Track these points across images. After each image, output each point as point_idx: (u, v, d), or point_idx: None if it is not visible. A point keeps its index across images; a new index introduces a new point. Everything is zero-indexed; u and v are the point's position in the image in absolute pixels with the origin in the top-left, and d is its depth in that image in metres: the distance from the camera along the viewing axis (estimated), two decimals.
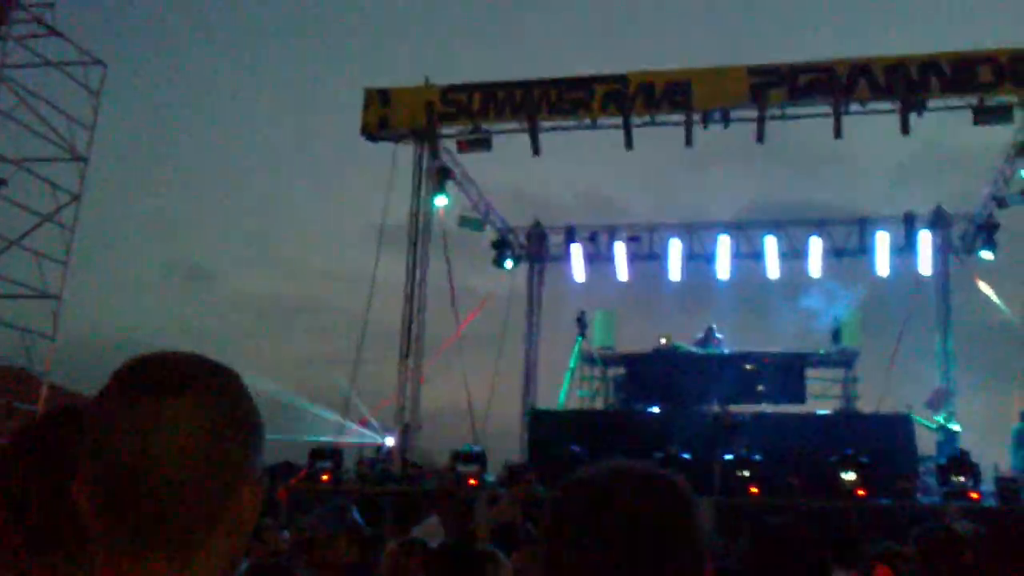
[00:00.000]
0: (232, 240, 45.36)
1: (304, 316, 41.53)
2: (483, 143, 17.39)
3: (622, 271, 20.68)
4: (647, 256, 21.23)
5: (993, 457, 15.35)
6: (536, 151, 16.88)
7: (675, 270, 20.29)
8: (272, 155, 44.15)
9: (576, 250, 20.98)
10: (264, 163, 44.11)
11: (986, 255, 18.21)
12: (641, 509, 1.35)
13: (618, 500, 1.36)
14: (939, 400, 16.40)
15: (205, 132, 44.75)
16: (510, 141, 17.44)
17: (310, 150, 41.92)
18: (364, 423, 17.18)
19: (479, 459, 15.42)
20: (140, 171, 41.21)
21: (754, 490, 13.78)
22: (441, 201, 18.14)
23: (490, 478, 15.21)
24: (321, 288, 42.72)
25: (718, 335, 18.34)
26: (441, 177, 17.92)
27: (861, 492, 13.46)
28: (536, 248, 22.66)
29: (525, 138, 17.02)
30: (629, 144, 16.52)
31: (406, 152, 17.93)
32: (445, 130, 17.44)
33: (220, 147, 44.67)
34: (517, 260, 22.16)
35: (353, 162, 25.81)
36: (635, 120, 16.45)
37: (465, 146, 17.57)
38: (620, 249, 20.68)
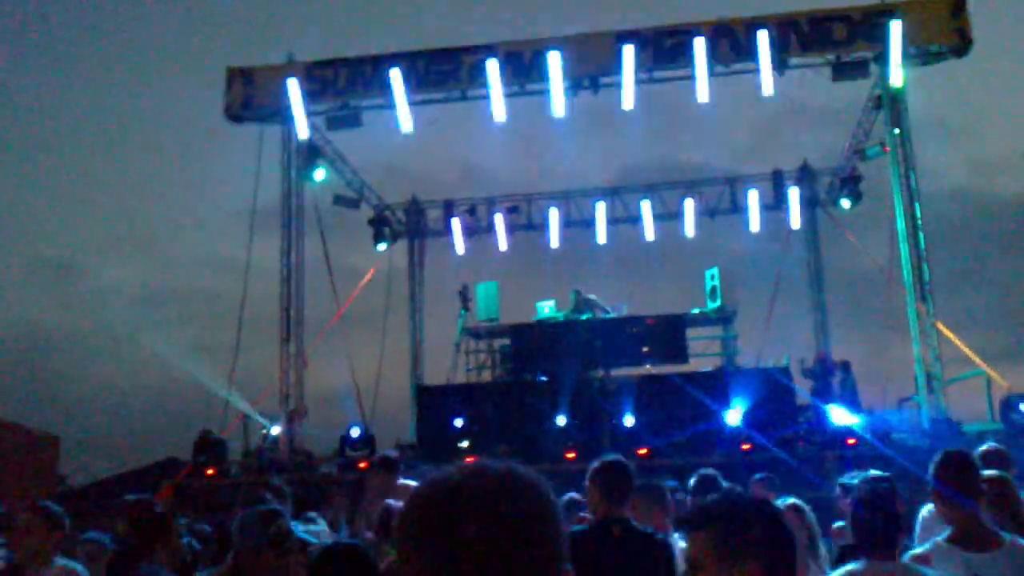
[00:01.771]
0: (96, 231, 43.62)
1: (179, 306, 40.21)
2: (353, 119, 17.06)
3: (502, 242, 20.72)
4: (526, 226, 21.30)
5: (870, 401, 15.98)
6: (406, 126, 16.63)
7: (555, 238, 20.44)
8: (133, 139, 42.46)
9: (456, 224, 20.90)
10: (125, 148, 42.38)
11: (847, 204, 18.85)
12: (494, 516, 1.28)
13: (467, 508, 1.28)
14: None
15: (60, 116, 42.68)
16: (381, 116, 17.15)
17: (175, 133, 40.44)
18: (241, 419, 16.69)
19: (368, 443, 15.26)
20: None
21: (642, 451, 13.99)
22: (320, 175, 17.75)
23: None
24: (195, 276, 41.47)
25: (589, 296, 18.50)
26: (311, 156, 17.53)
27: (745, 446, 13.81)
28: (415, 223, 22.47)
29: (395, 113, 16.76)
30: (500, 114, 16.41)
31: (274, 132, 17.51)
32: (312, 108, 17.01)
33: (76, 131, 42.70)
34: (396, 237, 21.93)
35: (221, 144, 25.01)
36: (504, 90, 16.33)
37: (335, 123, 17.21)
38: (499, 220, 20.69)
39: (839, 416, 14.23)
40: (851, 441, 13.71)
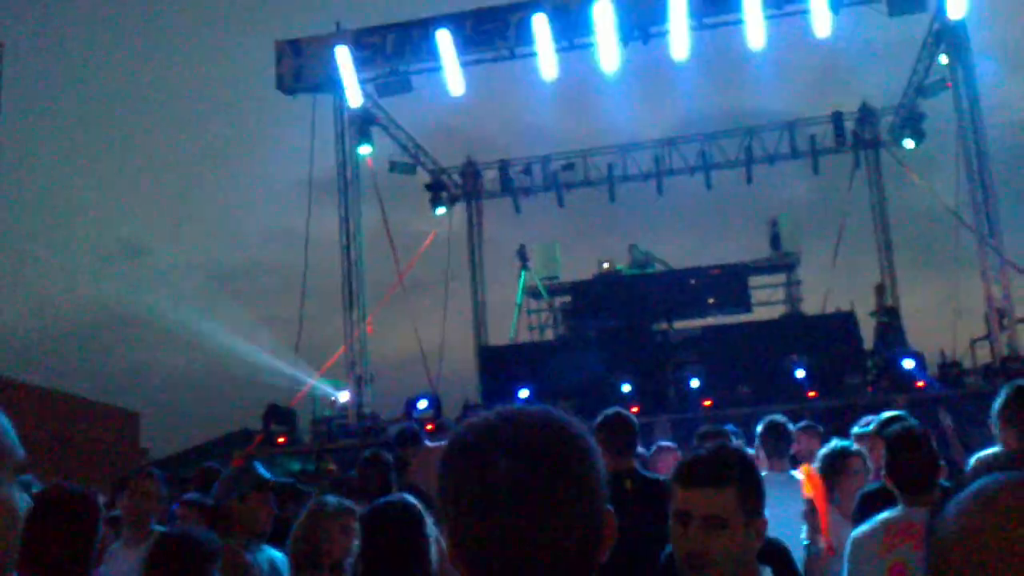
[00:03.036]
0: (161, 211, 44.43)
1: (245, 279, 40.88)
2: (403, 85, 17.05)
3: (560, 200, 20.62)
4: (583, 182, 21.17)
5: (938, 345, 15.65)
6: (456, 88, 16.59)
7: (612, 193, 20.28)
8: (189, 119, 43.00)
9: (512, 184, 20.85)
10: (182, 126, 42.99)
11: (910, 144, 18.36)
12: (527, 456, 1.27)
13: (500, 449, 1.28)
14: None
15: (117, 103, 43.41)
16: (431, 80, 17.13)
17: (230, 111, 40.88)
18: (309, 388, 16.98)
19: (433, 403, 15.40)
20: (52, 153, 39.95)
21: (707, 403, 13.93)
22: (365, 150, 17.83)
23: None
24: (259, 249, 42.13)
25: (647, 250, 18.37)
26: (364, 124, 17.59)
27: (811, 393, 13.66)
28: (472, 186, 22.45)
29: (448, 76, 16.73)
30: (550, 71, 16.27)
31: (327, 101, 17.60)
32: (362, 75, 17.04)
33: (134, 117, 43.43)
34: (454, 201, 21.98)
35: (276, 116, 25.23)
36: (555, 45, 16.17)
37: (385, 89, 17.23)
38: (556, 178, 20.60)
39: (906, 360, 13.97)
40: (920, 384, 13.47)
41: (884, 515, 3.47)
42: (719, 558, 2.26)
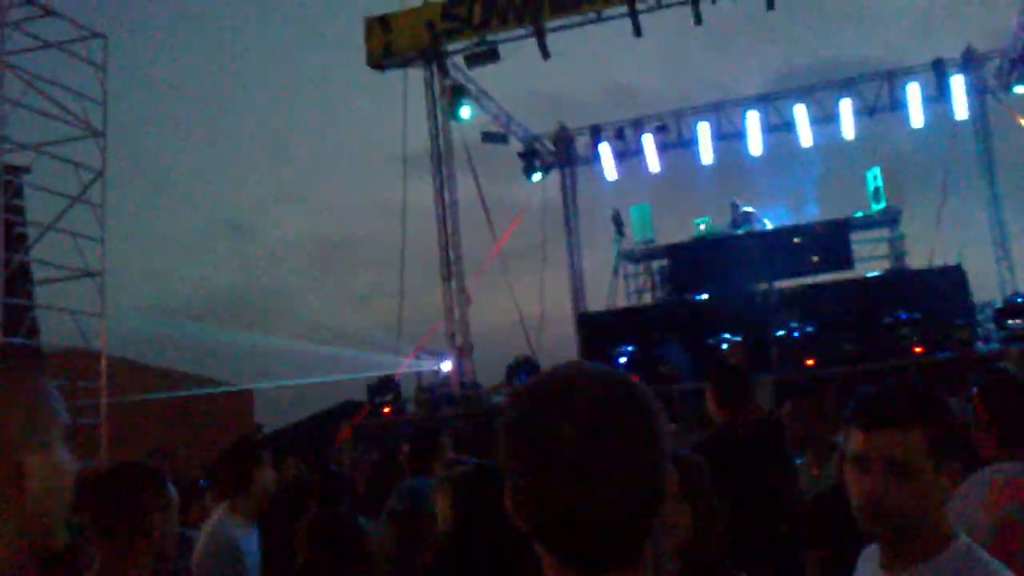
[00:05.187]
0: (262, 190, 45.43)
1: (345, 253, 41.62)
2: (491, 55, 17.08)
3: (653, 163, 20.41)
4: (677, 144, 20.94)
5: None
6: (546, 55, 16.55)
7: (706, 154, 19.99)
8: (284, 99, 43.80)
9: (605, 149, 20.72)
10: (277, 108, 43.80)
11: (1021, 89, 17.59)
12: (591, 413, 1.27)
13: (564, 406, 1.28)
14: None
15: (212, 88, 44.41)
16: (520, 48, 17.13)
17: (321, 89, 41.50)
18: (419, 351, 17.33)
19: (534, 369, 15.51)
20: (156, 137, 41.14)
21: (810, 362, 13.71)
22: (465, 113, 17.88)
23: None
24: (357, 223, 42.80)
25: (746, 208, 18.04)
26: (456, 95, 17.69)
27: (918, 349, 13.33)
28: (564, 153, 22.41)
29: (535, 43, 16.70)
30: (638, 31, 16.11)
31: (418, 75, 17.75)
32: (451, 47, 17.13)
33: (229, 99, 44.37)
34: (547, 168, 21.97)
35: (367, 93, 25.56)
36: (640, 6, 15.98)
37: (474, 60, 17.28)
38: (649, 141, 20.38)
39: (1018, 311, 13.50)
40: None
41: (994, 466, 3.11)
42: (905, 508, 2.04)
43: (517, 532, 1.34)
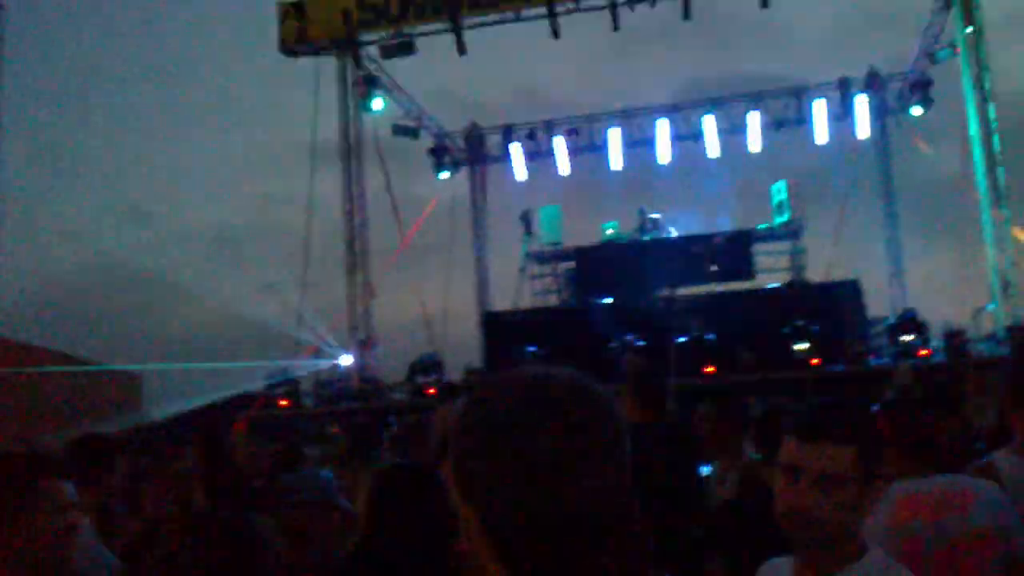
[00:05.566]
0: (163, 175, 44.23)
1: (249, 243, 40.77)
2: (407, 47, 16.91)
3: (563, 165, 20.47)
4: (587, 148, 21.03)
5: (943, 313, 15.60)
6: (462, 51, 16.45)
7: (616, 159, 20.12)
8: (191, 82, 42.68)
9: (515, 149, 20.70)
10: (183, 89, 42.66)
11: (918, 111, 18.19)
12: (566, 419, 1.21)
13: (539, 410, 1.22)
14: None
15: (115, 67, 43.04)
16: (436, 43, 16.99)
17: (231, 73, 40.54)
18: (312, 351, 16.98)
19: (436, 368, 15.40)
20: (53, 117, 39.67)
21: (710, 369, 13.91)
22: (377, 104, 17.68)
23: None
24: (262, 212, 42.04)
25: (653, 215, 18.26)
26: (368, 86, 17.47)
27: (814, 361, 13.63)
28: (475, 151, 22.34)
29: (451, 39, 16.58)
30: (556, 34, 16.14)
31: (330, 64, 17.46)
32: (366, 37, 16.90)
33: (132, 80, 43.12)
34: (457, 165, 21.87)
35: (278, 79, 25.04)
36: (559, 8, 16.00)
37: (389, 51, 17.08)
38: (560, 143, 20.43)
39: (910, 328, 13.93)
40: (923, 352, 13.44)
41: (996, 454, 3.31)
42: (832, 518, 2.09)
43: (431, 533, 1.25)
